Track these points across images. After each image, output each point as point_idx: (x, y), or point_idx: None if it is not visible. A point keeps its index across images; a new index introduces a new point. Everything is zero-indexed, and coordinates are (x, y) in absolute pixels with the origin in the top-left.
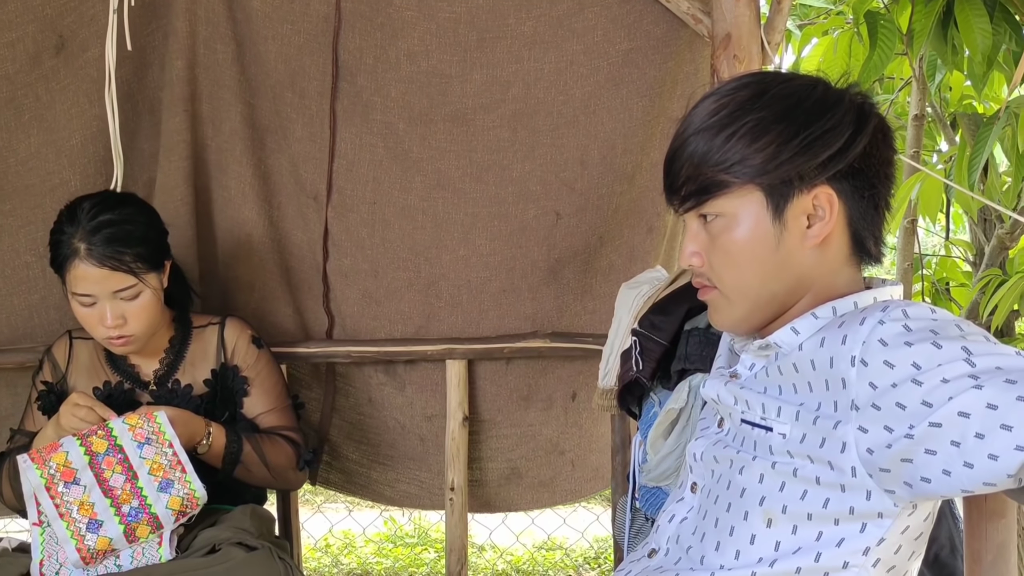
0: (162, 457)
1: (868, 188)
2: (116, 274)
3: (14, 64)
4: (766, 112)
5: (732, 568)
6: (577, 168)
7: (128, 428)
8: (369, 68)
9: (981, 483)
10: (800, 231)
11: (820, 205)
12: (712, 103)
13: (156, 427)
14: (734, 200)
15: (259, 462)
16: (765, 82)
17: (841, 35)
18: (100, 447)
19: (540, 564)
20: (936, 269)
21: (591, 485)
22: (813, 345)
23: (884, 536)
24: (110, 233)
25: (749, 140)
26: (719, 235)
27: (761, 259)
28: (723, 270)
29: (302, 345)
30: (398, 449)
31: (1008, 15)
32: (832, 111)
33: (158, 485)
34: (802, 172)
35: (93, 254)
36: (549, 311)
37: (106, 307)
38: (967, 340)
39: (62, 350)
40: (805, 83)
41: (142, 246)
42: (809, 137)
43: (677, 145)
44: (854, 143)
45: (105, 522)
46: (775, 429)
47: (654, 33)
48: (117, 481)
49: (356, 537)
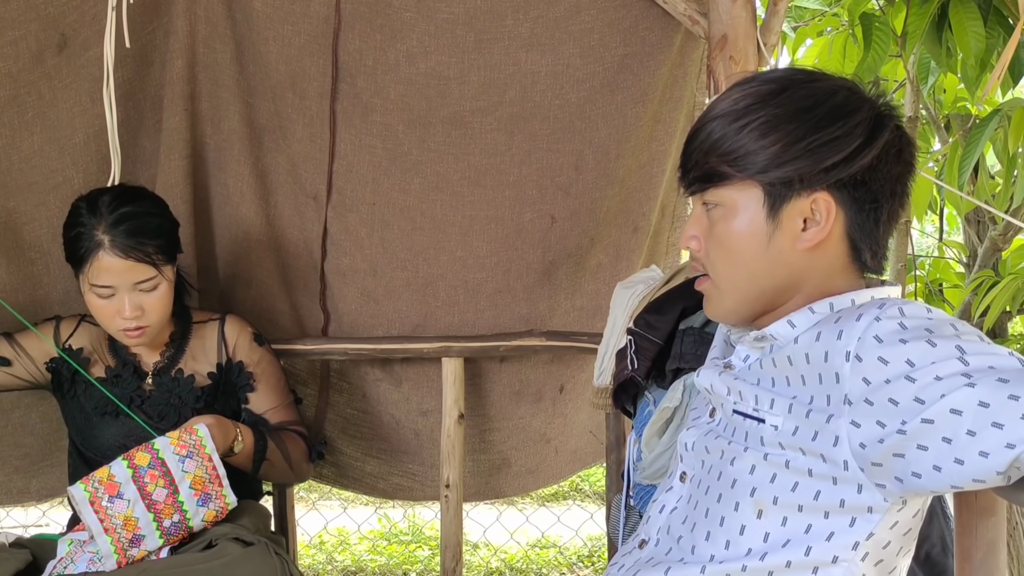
0: (202, 471)
1: (870, 201)
2: (139, 265)
3: (17, 62)
4: (780, 110)
5: (723, 560)
6: (572, 173)
7: (170, 442)
8: (369, 70)
9: (971, 479)
10: (794, 233)
11: (818, 210)
12: (737, 92)
13: (197, 439)
14: (734, 192)
15: (282, 457)
16: (790, 79)
17: (836, 36)
18: (143, 460)
19: (534, 562)
20: (929, 270)
21: (570, 467)
22: (808, 339)
23: (873, 531)
24: (133, 225)
25: (758, 135)
26: (716, 223)
27: (751, 254)
28: (716, 259)
29: (300, 342)
30: (392, 443)
31: (1002, 18)
32: (846, 119)
33: (198, 500)
34: (803, 175)
35: (117, 245)
36: (542, 311)
37: (125, 299)
38: (961, 339)
39: (68, 328)
40: (829, 86)
41: (162, 238)
42: (816, 142)
43: (697, 128)
44: (861, 154)
45: (147, 536)
46: (767, 421)
47: (649, 39)
48: (160, 495)
49: (350, 534)
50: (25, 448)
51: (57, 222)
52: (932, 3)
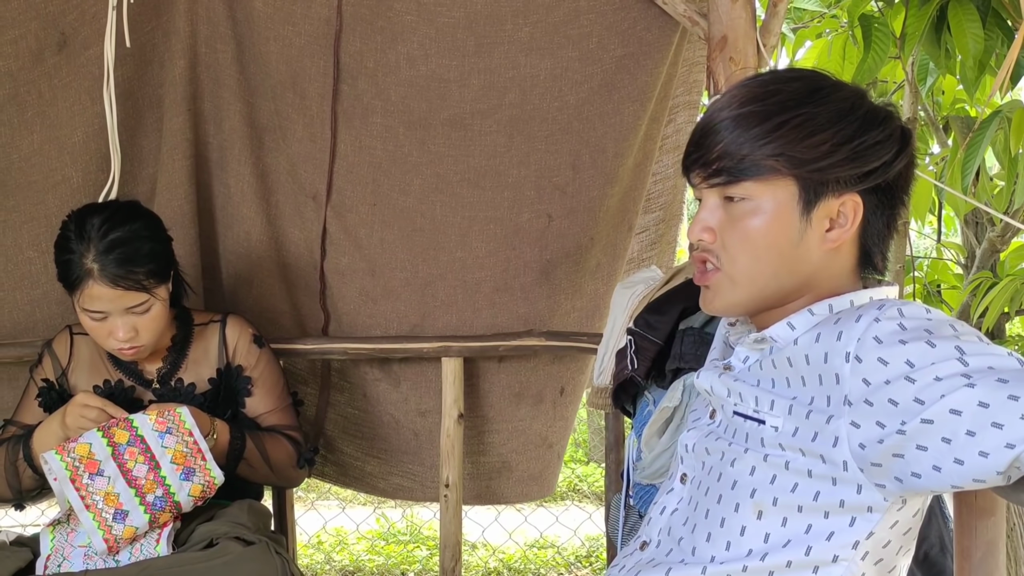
0: (183, 446)
1: (889, 207)
2: (129, 293)
3: (17, 61)
4: (820, 110)
5: (724, 560)
6: (569, 172)
7: (149, 419)
8: (370, 72)
9: (971, 479)
10: (820, 232)
11: (845, 212)
12: (758, 88)
13: (176, 415)
14: (767, 187)
15: (261, 459)
16: (817, 80)
17: (835, 38)
18: (122, 438)
19: (532, 562)
20: (928, 271)
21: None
22: (808, 340)
23: (873, 530)
24: (122, 254)
25: (802, 133)
26: (741, 218)
27: (778, 250)
28: (738, 253)
29: (300, 341)
30: (391, 443)
31: (1000, 20)
32: (883, 125)
33: (180, 474)
34: (842, 177)
35: (107, 275)
36: (541, 310)
37: (117, 322)
38: (960, 340)
39: (63, 345)
40: (855, 92)
41: (154, 262)
42: (862, 145)
43: (715, 121)
44: (896, 160)
45: (131, 512)
46: (767, 422)
47: (647, 39)
48: (140, 471)
49: (349, 534)
50: None
51: (56, 221)
52: (931, 5)
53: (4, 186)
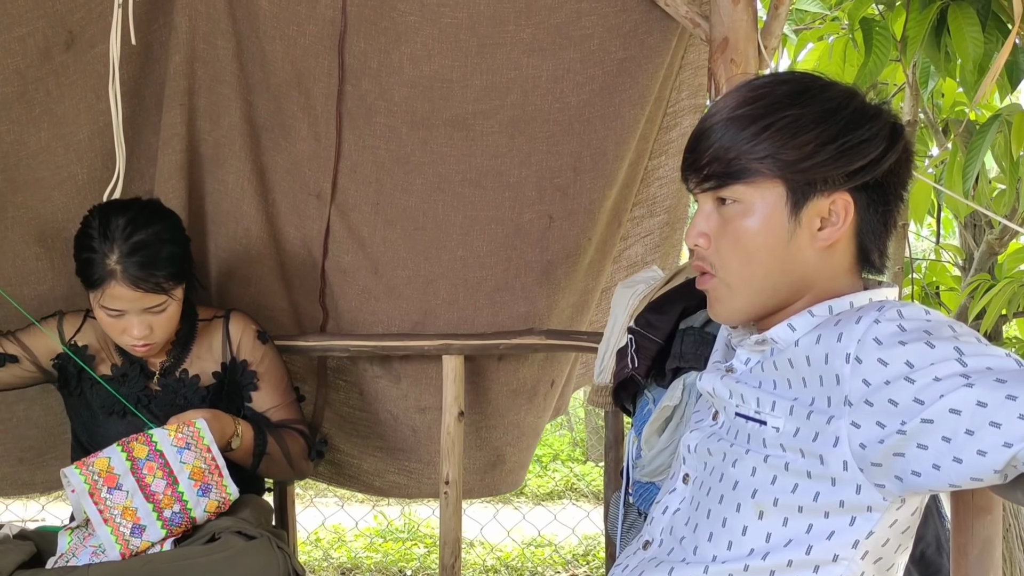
0: (201, 462)
1: (883, 204)
2: (149, 295)
3: (25, 59)
4: (806, 111)
5: (725, 560)
6: (570, 174)
7: (168, 434)
8: (373, 72)
9: (969, 478)
10: (811, 232)
11: (836, 211)
12: (749, 92)
13: (195, 431)
14: (755, 189)
15: (281, 455)
16: (805, 82)
17: (836, 40)
18: (141, 453)
19: (530, 560)
20: (926, 273)
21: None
22: (809, 342)
23: (873, 529)
24: (145, 256)
25: (786, 135)
26: (732, 220)
27: (768, 251)
28: (730, 256)
29: (301, 338)
30: (389, 440)
31: (1000, 24)
32: (870, 123)
33: (198, 490)
34: (829, 176)
35: (128, 277)
36: (541, 310)
37: (134, 320)
38: (959, 341)
39: (72, 324)
40: (844, 91)
41: (173, 266)
42: (847, 144)
43: (708, 126)
44: (884, 158)
45: (148, 527)
46: (769, 423)
47: (648, 42)
48: (158, 486)
49: (347, 531)
50: (29, 441)
51: (62, 217)
52: (931, 8)
53: (12, 183)
